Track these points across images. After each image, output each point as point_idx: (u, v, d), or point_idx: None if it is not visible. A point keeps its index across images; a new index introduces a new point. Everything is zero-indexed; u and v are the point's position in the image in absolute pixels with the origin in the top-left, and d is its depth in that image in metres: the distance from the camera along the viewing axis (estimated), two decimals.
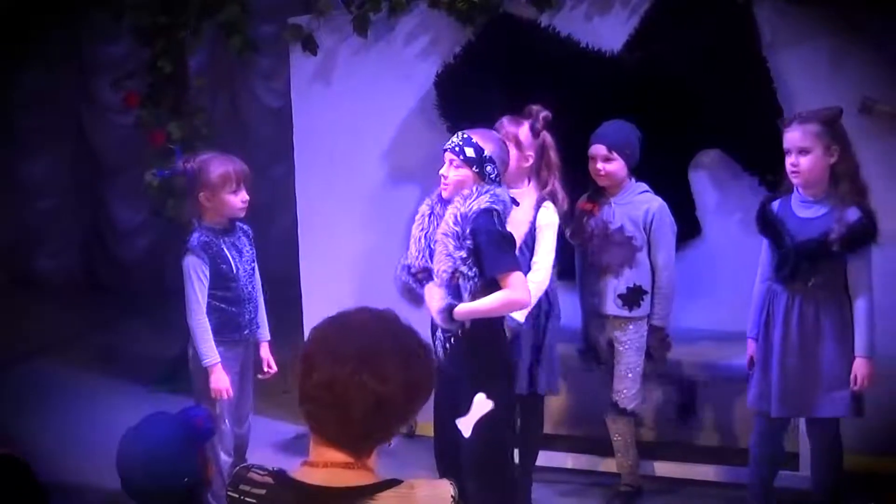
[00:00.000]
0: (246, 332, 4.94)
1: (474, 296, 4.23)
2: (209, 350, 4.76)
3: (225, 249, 4.82)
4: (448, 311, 4.23)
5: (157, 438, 3.25)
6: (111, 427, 3.42)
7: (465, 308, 4.23)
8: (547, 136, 4.90)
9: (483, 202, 4.21)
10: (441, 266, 4.23)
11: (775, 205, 4.59)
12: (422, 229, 4.46)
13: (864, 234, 4.34)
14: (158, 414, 3.38)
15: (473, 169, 4.29)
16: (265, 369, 5.10)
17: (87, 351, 8.18)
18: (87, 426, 6.44)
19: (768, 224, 4.59)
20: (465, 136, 4.35)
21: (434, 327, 4.42)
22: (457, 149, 4.31)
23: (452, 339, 4.34)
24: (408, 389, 2.26)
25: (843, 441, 4.70)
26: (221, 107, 9.31)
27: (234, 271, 4.84)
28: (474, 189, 4.26)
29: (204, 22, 6.52)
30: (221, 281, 4.82)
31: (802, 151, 4.34)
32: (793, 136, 4.37)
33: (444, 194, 4.38)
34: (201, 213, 4.83)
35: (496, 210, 4.25)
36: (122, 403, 6.62)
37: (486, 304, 4.24)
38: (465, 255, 4.18)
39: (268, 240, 5.40)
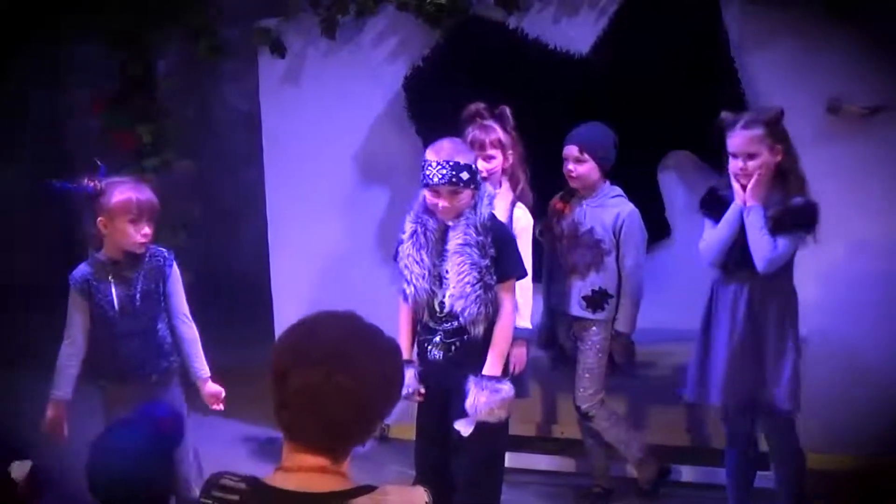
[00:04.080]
0: (147, 370, 4.51)
1: (493, 304, 4.26)
2: (57, 382, 4.48)
3: (112, 286, 4.45)
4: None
5: (132, 443, 3.22)
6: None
7: (498, 357, 4.29)
8: (514, 134, 4.91)
9: (486, 207, 4.27)
10: (464, 277, 4.20)
11: (727, 193, 4.52)
12: (419, 248, 4.31)
13: (802, 216, 4.30)
14: (129, 419, 3.35)
15: (472, 187, 4.23)
16: (213, 407, 4.63)
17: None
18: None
19: (716, 208, 4.55)
20: (451, 162, 4.16)
21: (431, 331, 4.42)
22: (454, 179, 4.15)
23: (458, 343, 4.34)
24: (383, 387, 2.28)
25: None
26: (191, 110, 9.28)
27: (115, 309, 4.44)
28: (475, 197, 4.27)
29: (172, 26, 6.50)
30: (103, 318, 4.46)
31: (750, 156, 4.35)
32: (738, 142, 4.34)
33: (449, 220, 4.27)
34: (99, 241, 4.44)
35: (493, 208, 4.34)
36: None
37: (504, 340, 4.32)
38: (488, 264, 4.21)
39: (238, 243, 5.34)
